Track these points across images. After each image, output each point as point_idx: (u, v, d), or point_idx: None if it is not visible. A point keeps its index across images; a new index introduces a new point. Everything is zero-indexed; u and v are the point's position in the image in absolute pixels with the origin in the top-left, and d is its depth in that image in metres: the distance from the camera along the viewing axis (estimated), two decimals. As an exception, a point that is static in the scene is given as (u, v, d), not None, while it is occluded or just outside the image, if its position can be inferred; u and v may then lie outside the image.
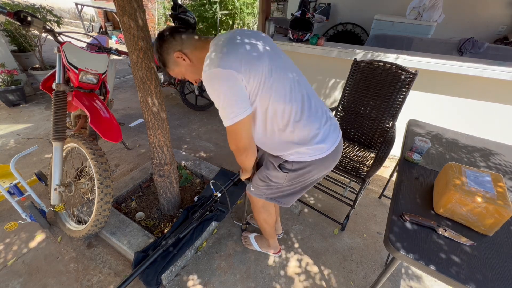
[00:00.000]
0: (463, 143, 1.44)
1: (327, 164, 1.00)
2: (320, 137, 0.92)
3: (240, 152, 0.94)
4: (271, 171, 1.06)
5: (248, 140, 0.89)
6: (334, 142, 0.96)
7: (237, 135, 0.87)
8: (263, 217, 1.30)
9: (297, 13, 2.29)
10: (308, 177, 1.03)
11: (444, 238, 0.85)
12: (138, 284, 1.33)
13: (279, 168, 1.02)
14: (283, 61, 0.90)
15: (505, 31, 3.77)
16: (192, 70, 0.93)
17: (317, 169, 0.99)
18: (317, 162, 0.96)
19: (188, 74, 0.96)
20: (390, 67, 1.60)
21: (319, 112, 0.94)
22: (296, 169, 0.99)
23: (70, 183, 1.51)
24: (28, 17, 1.41)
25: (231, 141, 0.91)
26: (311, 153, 0.94)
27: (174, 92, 3.84)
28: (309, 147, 0.92)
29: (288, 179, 1.03)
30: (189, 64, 0.91)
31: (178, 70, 0.95)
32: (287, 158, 0.98)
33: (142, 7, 1.12)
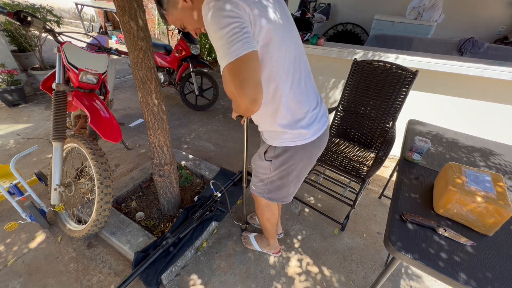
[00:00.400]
0: (463, 143, 1.44)
1: (310, 152, 0.98)
2: (305, 122, 0.90)
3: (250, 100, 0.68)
4: (257, 162, 1.09)
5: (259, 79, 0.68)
6: (318, 131, 0.94)
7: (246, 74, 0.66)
8: (266, 216, 1.30)
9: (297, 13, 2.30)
10: (292, 164, 1.00)
11: (444, 238, 0.85)
12: (138, 284, 1.33)
13: (264, 158, 1.04)
14: (294, 30, 0.85)
15: (505, 31, 3.77)
16: (192, 15, 0.81)
17: (299, 156, 0.97)
18: (298, 148, 0.94)
19: (187, 20, 0.83)
20: (390, 67, 1.60)
21: (312, 95, 0.92)
22: (278, 155, 0.98)
23: (70, 183, 1.51)
24: (28, 17, 1.41)
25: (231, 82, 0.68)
26: (292, 137, 0.92)
27: (174, 92, 3.84)
28: (292, 131, 0.90)
29: (273, 167, 1.03)
30: (190, 6, 0.79)
31: (177, 14, 0.82)
32: (270, 142, 0.98)
33: (142, 7, 1.12)
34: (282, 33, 0.76)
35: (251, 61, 0.65)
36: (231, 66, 0.65)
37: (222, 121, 3.10)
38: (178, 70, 3.21)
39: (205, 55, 4.92)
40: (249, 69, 0.66)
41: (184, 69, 3.18)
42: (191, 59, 3.06)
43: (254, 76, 0.66)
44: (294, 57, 0.83)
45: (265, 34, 0.72)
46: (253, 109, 0.71)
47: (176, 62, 3.15)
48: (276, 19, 0.74)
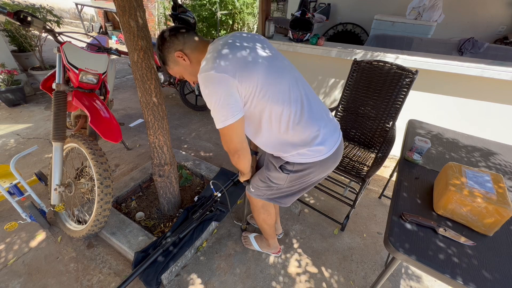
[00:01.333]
0: (463, 143, 1.44)
1: (328, 166, 1.00)
2: (320, 139, 0.92)
3: (232, 154, 0.97)
4: (272, 172, 1.06)
5: (239, 143, 0.91)
6: (334, 145, 0.97)
7: (228, 138, 0.90)
8: (262, 217, 1.30)
9: (297, 13, 2.29)
10: (309, 179, 1.03)
11: (444, 238, 0.85)
12: (138, 284, 1.33)
13: (280, 169, 1.02)
14: (281, 64, 0.90)
15: (505, 31, 3.77)
16: (190, 71, 0.95)
17: (318, 171, 1.00)
18: (318, 163, 0.96)
19: (186, 74, 0.98)
20: (390, 67, 1.60)
21: (319, 114, 0.94)
22: (297, 170, 0.99)
23: (70, 183, 1.51)
24: (28, 17, 1.41)
25: (223, 143, 0.94)
26: (311, 154, 0.94)
27: (174, 92, 3.84)
28: (309, 149, 0.92)
29: (289, 180, 1.03)
30: (188, 64, 0.93)
31: (177, 69, 0.96)
32: (288, 159, 0.98)
33: (142, 6, 1.12)
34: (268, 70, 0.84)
35: (236, 127, 0.85)
36: (222, 131, 0.87)
37: (222, 121, 3.10)
38: (178, 70, 3.21)
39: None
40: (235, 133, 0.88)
41: (184, 69, 3.18)
42: (191, 59, 3.05)
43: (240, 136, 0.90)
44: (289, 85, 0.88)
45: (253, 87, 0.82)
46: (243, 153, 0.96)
47: (176, 62, 3.15)
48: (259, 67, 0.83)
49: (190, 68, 0.93)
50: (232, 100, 0.81)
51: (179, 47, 0.90)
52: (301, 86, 0.92)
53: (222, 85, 0.79)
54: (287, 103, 0.86)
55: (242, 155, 0.97)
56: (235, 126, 0.85)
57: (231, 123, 0.83)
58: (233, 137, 0.89)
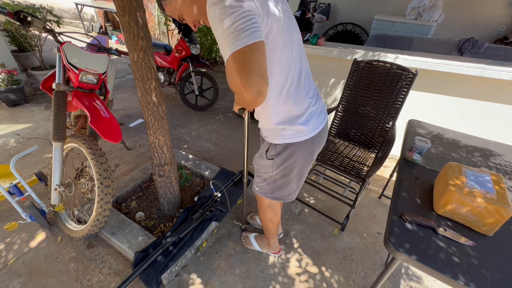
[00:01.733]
0: (463, 143, 1.44)
1: (310, 147, 0.98)
2: (303, 119, 0.90)
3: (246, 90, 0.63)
4: (259, 161, 1.09)
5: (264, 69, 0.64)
6: (317, 127, 0.95)
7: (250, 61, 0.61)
8: (269, 216, 1.31)
9: (297, 13, 2.30)
10: (294, 161, 1.01)
11: (444, 238, 0.85)
12: (138, 284, 1.33)
13: (265, 156, 1.03)
14: (296, 27, 0.84)
15: (505, 31, 3.77)
16: (192, 6, 0.78)
17: (300, 152, 0.98)
18: (299, 144, 0.95)
19: (186, 11, 0.80)
20: (390, 67, 1.60)
21: (311, 92, 0.92)
22: (279, 152, 0.99)
23: (70, 183, 1.51)
24: (28, 17, 1.41)
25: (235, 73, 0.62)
26: (293, 134, 0.93)
27: (174, 92, 3.84)
28: (291, 127, 0.91)
29: (275, 165, 1.03)
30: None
31: (176, 5, 0.79)
32: (270, 140, 0.99)
33: (142, 6, 1.12)
34: (286, 30, 0.76)
35: (258, 51, 0.61)
36: (237, 54, 0.60)
37: (222, 121, 3.10)
38: (178, 70, 3.21)
39: (205, 55, 4.92)
40: (256, 59, 0.61)
41: (184, 69, 3.18)
42: (191, 59, 3.06)
43: (261, 67, 0.62)
44: (297, 54, 0.83)
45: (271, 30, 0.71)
46: (258, 102, 0.67)
47: (176, 62, 3.15)
48: (281, 16, 0.74)
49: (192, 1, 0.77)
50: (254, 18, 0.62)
51: None
52: (304, 62, 0.89)
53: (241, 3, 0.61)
54: (288, 67, 0.81)
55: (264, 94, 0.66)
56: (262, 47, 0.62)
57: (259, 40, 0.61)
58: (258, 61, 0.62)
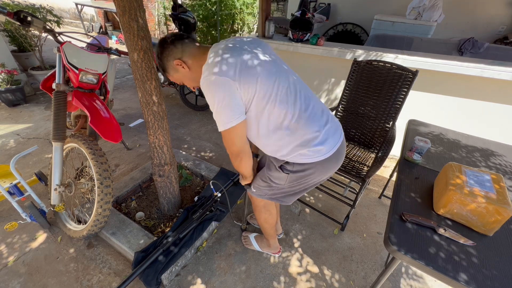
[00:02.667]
0: (463, 143, 1.44)
1: (329, 166, 1.00)
2: (319, 140, 0.92)
3: (234, 156, 0.98)
4: (272, 172, 1.06)
5: (241, 145, 0.92)
6: (335, 145, 0.96)
7: (231, 140, 0.91)
8: (264, 217, 1.30)
9: (297, 13, 2.29)
10: (310, 179, 1.03)
11: (444, 238, 0.85)
12: (138, 284, 1.33)
13: (280, 169, 1.02)
14: (280, 67, 0.92)
15: (505, 31, 3.77)
16: (190, 77, 0.97)
17: (318, 171, 0.99)
18: (318, 164, 0.96)
19: (186, 81, 1.00)
20: (390, 67, 1.60)
21: (318, 114, 0.94)
22: (297, 171, 0.99)
23: (70, 183, 1.51)
24: (28, 17, 1.41)
25: (226, 146, 0.94)
26: (311, 155, 0.94)
27: (174, 92, 3.84)
28: (309, 149, 0.92)
29: (290, 180, 1.03)
30: (188, 71, 0.94)
31: (177, 76, 0.98)
32: (288, 159, 0.98)
33: (142, 6, 1.12)
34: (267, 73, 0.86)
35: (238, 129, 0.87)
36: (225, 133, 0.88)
37: (222, 121, 3.10)
38: (178, 70, 3.21)
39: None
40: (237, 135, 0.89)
41: (184, 69, 3.18)
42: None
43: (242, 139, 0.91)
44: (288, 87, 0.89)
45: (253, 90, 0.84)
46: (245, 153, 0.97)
47: (176, 62, 3.15)
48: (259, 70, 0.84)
49: (190, 74, 0.95)
50: (234, 103, 0.83)
51: (178, 55, 0.92)
52: (300, 88, 0.93)
53: (224, 88, 0.81)
54: (286, 104, 0.87)
55: (244, 157, 0.98)
56: (237, 129, 0.86)
57: (234, 125, 0.85)
58: (235, 139, 0.90)
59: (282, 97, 0.87)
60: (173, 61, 0.92)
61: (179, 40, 0.92)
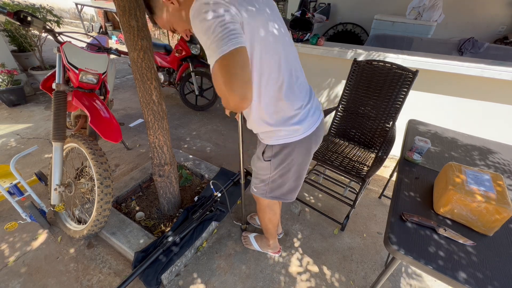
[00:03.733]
0: (463, 143, 1.44)
1: (307, 146, 0.98)
2: (298, 119, 0.90)
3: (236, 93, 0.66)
4: (257, 163, 1.08)
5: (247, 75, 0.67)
6: (312, 126, 0.94)
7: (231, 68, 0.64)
8: (268, 216, 1.30)
9: (297, 13, 2.29)
10: (291, 160, 1.00)
11: (444, 238, 0.85)
12: (138, 284, 1.33)
13: (262, 157, 1.03)
14: (280, 27, 0.84)
15: (505, 31, 3.77)
16: (181, 17, 0.81)
17: (297, 151, 0.98)
18: (295, 144, 0.95)
19: (177, 22, 0.84)
20: (390, 67, 1.60)
21: (303, 91, 0.92)
22: (276, 153, 0.98)
23: (70, 183, 1.51)
24: (28, 17, 1.41)
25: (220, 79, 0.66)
26: (287, 134, 0.93)
27: (174, 92, 3.84)
28: (286, 128, 0.91)
29: (273, 167, 1.03)
30: (178, 8, 0.80)
31: (166, 18, 0.83)
32: (266, 141, 0.98)
33: (142, 6, 1.12)
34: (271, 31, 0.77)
35: (239, 57, 0.65)
36: (220, 61, 0.64)
37: (222, 121, 3.10)
38: (178, 70, 3.21)
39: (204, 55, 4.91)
40: (238, 65, 0.65)
41: (184, 69, 3.18)
42: (191, 59, 3.06)
43: (243, 72, 0.66)
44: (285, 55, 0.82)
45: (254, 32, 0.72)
46: (242, 106, 0.69)
47: (176, 62, 3.15)
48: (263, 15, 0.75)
49: (180, 12, 0.80)
50: (232, 23, 0.65)
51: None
52: (294, 59, 0.88)
53: (219, 9, 0.65)
54: (278, 68, 0.81)
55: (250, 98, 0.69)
56: (243, 53, 0.66)
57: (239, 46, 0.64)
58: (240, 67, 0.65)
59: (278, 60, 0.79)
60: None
61: None
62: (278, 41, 0.81)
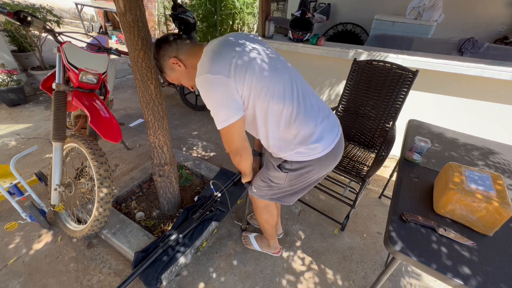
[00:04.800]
0: (463, 143, 1.44)
1: (327, 164, 1.00)
2: (316, 137, 0.92)
3: (233, 154, 0.97)
4: (271, 171, 1.06)
5: (240, 142, 0.91)
6: (332, 142, 0.96)
7: (229, 138, 0.90)
8: (264, 218, 1.30)
9: (297, 13, 2.29)
10: (308, 177, 1.03)
11: (444, 238, 0.85)
12: (138, 284, 1.33)
13: (279, 168, 1.02)
14: (276, 61, 0.90)
15: (505, 31, 3.77)
16: (187, 76, 0.96)
17: (317, 169, 0.99)
18: (316, 161, 0.96)
19: (183, 80, 0.99)
20: (390, 67, 1.60)
21: (315, 110, 0.93)
22: (296, 169, 0.99)
23: (70, 183, 1.51)
24: (28, 17, 1.41)
25: (225, 144, 0.93)
26: (308, 152, 0.94)
27: (174, 92, 3.84)
28: (306, 147, 0.92)
29: (289, 179, 1.03)
30: (184, 70, 0.94)
31: (174, 76, 0.97)
32: (287, 158, 0.98)
33: (142, 6, 1.12)
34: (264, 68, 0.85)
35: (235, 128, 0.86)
36: (221, 132, 0.89)
37: (222, 121, 3.10)
38: (178, 70, 3.21)
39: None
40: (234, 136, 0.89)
41: (184, 69, 3.18)
42: (191, 59, 3.05)
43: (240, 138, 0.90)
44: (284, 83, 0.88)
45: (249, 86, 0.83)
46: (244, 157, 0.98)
47: (176, 62, 3.15)
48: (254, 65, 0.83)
49: (186, 73, 0.95)
50: (231, 100, 0.82)
51: (173, 54, 0.91)
52: (297, 83, 0.92)
53: (219, 86, 0.80)
54: (283, 100, 0.86)
55: (244, 155, 0.97)
56: (236, 126, 0.85)
57: (232, 122, 0.84)
58: (234, 137, 0.89)
59: (280, 92, 0.86)
60: (169, 60, 0.92)
61: (174, 39, 0.92)
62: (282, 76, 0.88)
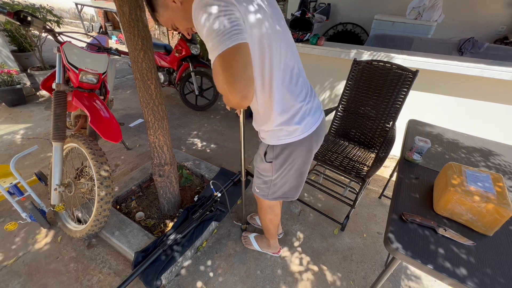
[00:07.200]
0: (463, 143, 1.44)
1: (308, 146, 0.98)
2: (298, 118, 0.90)
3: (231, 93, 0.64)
4: (259, 164, 1.08)
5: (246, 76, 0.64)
6: (312, 125, 0.94)
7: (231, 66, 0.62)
8: (269, 217, 1.30)
9: (297, 13, 2.29)
10: (292, 161, 1.00)
11: (444, 238, 0.85)
12: (138, 284, 1.33)
13: (264, 158, 1.03)
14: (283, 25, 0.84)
15: (505, 31, 3.77)
16: (182, 15, 0.81)
17: (298, 151, 0.98)
18: (296, 144, 0.95)
19: (178, 21, 0.83)
20: (390, 67, 1.60)
21: (303, 90, 0.91)
22: (277, 155, 0.98)
23: (70, 183, 1.51)
24: (28, 17, 1.41)
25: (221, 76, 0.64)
26: (288, 134, 0.93)
27: (174, 92, 3.84)
28: (287, 128, 0.91)
29: (275, 168, 1.03)
30: (179, 7, 0.79)
31: (168, 16, 0.82)
32: (268, 141, 0.98)
33: (142, 6, 1.12)
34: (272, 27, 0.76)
35: (241, 53, 0.62)
36: (221, 57, 0.62)
37: (222, 121, 3.10)
38: (178, 70, 3.21)
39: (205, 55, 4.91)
40: (240, 62, 0.62)
41: (184, 69, 3.18)
42: (191, 59, 3.06)
43: (246, 69, 0.63)
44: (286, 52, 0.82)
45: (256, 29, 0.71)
46: (243, 105, 0.68)
47: (176, 62, 3.15)
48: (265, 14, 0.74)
49: (182, 11, 0.79)
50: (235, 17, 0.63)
51: None
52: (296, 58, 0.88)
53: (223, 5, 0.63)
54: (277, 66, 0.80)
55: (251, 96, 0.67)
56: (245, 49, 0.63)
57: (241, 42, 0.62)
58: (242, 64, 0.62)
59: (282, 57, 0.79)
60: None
61: None
62: (281, 38, 0.80)
